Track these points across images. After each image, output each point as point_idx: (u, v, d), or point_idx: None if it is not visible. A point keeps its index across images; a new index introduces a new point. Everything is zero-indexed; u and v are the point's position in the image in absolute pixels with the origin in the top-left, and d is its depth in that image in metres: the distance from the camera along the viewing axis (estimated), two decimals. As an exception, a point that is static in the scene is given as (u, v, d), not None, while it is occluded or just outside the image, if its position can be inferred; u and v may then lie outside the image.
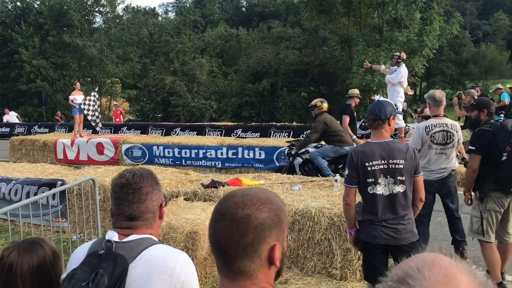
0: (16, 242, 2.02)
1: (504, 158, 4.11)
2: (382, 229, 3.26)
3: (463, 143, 10.33)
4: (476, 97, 11.15)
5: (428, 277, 0.67)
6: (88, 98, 13.27)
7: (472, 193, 4.51)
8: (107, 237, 1.65)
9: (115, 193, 1.72)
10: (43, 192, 6.74)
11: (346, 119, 9.10)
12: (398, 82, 9.17)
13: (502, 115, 11.06)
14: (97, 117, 13.72)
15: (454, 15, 26.25)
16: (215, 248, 1.18)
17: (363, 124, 11.96)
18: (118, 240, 1.64)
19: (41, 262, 1.95)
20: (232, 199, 1.18)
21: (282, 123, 16.73)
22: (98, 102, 13.88)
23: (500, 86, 13.14)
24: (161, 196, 1.79)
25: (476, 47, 47.30)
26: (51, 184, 6.93)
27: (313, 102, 8.22)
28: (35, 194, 6.87)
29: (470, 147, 4.36)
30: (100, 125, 13.98)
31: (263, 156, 11.03)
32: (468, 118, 10.67)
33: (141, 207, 1.69)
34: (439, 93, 5.12)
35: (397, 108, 9.40)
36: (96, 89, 15.19)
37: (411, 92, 11.58)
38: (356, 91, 9.55)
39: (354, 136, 9.04)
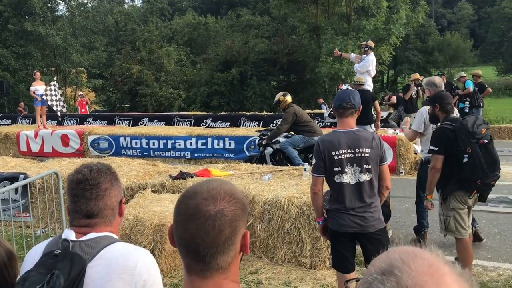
0: None
1: (465, 159, 3.98)
2: (349, 217, 3.27)
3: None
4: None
5: (414, 268, 0.67)
6: (49, 88, 12.89)
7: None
8: (63, 236, 1.57)
9: (71, 189, 1.63)
10: (5, 186, 6.52)
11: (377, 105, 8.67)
12: (366, 70, 9.22)
13: (467, 103, 11.31)
14: (62, 106, 13.40)
15: (420, 4, 26.66)
16: (188, 250, 1.13)
17: (332, 112, 12.01)
18: (75, 239, 1.56)
19: None
20: (198, 196, 1.14)
21: (252, 113, 16.71)
22: (59, 91, 13.50)
23: (463, 74, 13.40)
24: (120, 192, 1.71)
25: (441, 35, 48.22)
26: (13, 178, 6.70)
27: (276, 98, 8.23)
28: (-4, 188, 6.64)
29: (431, 147, 4.21)
30: (63, 111, 13.62)
31: (233, 146, 10.98)
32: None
33: (99, 204, 1.62)
34: (438, 79, 5.28)
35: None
36: (55, 78, 14.73)
37: (421, 78, 11.60)
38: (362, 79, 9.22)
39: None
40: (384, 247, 3.40)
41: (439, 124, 4.34)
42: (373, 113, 8.39)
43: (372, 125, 8.31)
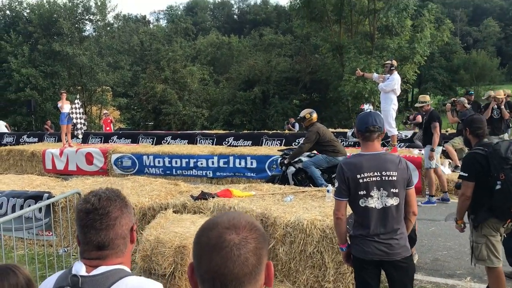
0: None
1: (498, 186, 3.76)
2: (374, 244, 3.14)
3: (456, 150, 10.34)
4: (466, 106, 11.09)
5: None
6: (73, 106, 13.17)
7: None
8: (73, 271, 1.52)
9: (80, 220, 1.57)
10: (29, 205, 6.58)
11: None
12: (391, 89, 9.11)
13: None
14: (83, 124, 13.68)
15: (444, 22, 26.43)
16: (214, 282, 1.09)
17: (355, 132, 11.86)
18: (85, 274, 1.50)
19: None
20: (219, 226, 1.13)
21: (274, 131, 16.67)
22: (81, 109, 13.78)
23: (492, 93, 13.08)
24: (131, 219, 1.66)
25: (466, 53, 47.62)
26: (37, 197, 6.77)
27: (301, 114, 8.13)
28: (21, 207, 6.71)
29: (462, 172, 4.04)
30: (82, 131, 13.87)
31: (254, 165, 10.92)
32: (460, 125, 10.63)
33: (110, 234, 1.56)
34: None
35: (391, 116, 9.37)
36: (78, 96, 15.07)
37: (503, 96, 10.62)
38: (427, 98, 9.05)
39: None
40: (410, 275, 3.27)
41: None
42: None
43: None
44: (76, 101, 13.56)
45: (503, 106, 10.13)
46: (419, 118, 12.71)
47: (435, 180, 8.72)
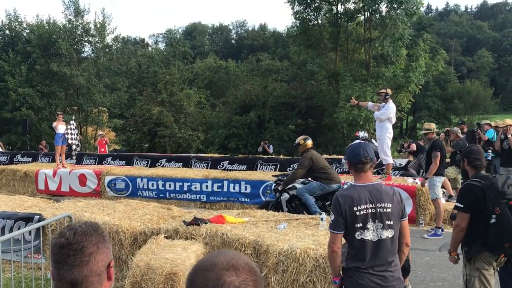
0: None
1: (493, 220, 3.73)
2: (368, 276, 3.11)
3: (449, 180, 10.34)
4: (459, 135, 11.15)
5: None
6: (69, 127, 13.19)
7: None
8: None
9: (54, 254, 1.49)
10: (19, 226, 6.50)
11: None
12: (386, 118, 9.17)
13: (490, 151, 10.91)
14: (78, 145, 13.73)
15: (439, 52, 26.82)
16: None
17: (346, 163, 11.83)
18: None
19: None
20: (217, 268, 1.08)
21: (269, 156, 16.66)
22: (76, 130, 13.83)
23: (488, 121, 13.22)
24: (109, 255, 1.57)
25: (460, 83, 48.23)
26: (28, 219, 6.69)
27: (296, 141, 8.17)
28: (11, 228, 6.62)
29: (457, 204, 4.01)
30: (76, 152, 14.03)
31: (248, 190, 10.88)
32: (453, 155, 10.66)
33: (84, 271, 1.48)
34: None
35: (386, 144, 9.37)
36: (73, 117, 15.12)
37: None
38: (433, 126, 8.80)
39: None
40: (403, 307, 3.22)
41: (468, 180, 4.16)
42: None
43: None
44: (71, 121, 13.57)
45: (510, 136, 9.91)
46: (414, 147, 12.75)
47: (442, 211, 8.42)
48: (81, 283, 1.47)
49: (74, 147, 13.45)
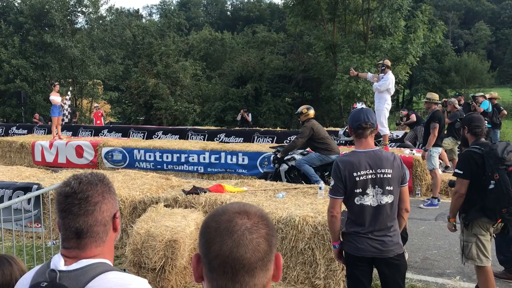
0: None
1: (491, 186, 3.80)
2: (368, 241, 3.14)
3: (446, 151, 10.40)
4: (456, 106, 11.18)
5: None
6: (66, 98, 13.18)
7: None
8: (51, 265, 1.43)
9: (59, 204, 1.47)
10: (18, 196, 6.51)
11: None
12: (385, 89, 9.13)
13: (486, 122, 10.98)
14: (66, 116, 13.88)
15: (437, 24, 26.52)
16: (224, 269, 1.06)
17: (347, 130, 11.87)
18: (63, 269, 1.41)
19: (7, 281, 1.81)
20: (229, 211, 1.11)
21: (266, 128, 16.66)
22: (69, 102, 13.88)
23: (482, 94, 13.36)
24: (115, 205, 1.55)
25: (458, 56, 47.92)
26: (26, 188, 6.72)
27: (299, 109, 8.15)
28: (10, 198, 6.64)
29: (457, 170, 4.07)
30: (65, 120, 14.24)
31: (246, 161, 10.91)
32: (450, 126, 10.70)
33: (89, 220, 1.46)
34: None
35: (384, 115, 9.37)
36: (70, 89, 15.14)
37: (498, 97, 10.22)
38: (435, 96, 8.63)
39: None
40: (402, 272, 3.27)
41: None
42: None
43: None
44: (68, 93, 13.53)
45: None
46: (413, 117, 12.77)
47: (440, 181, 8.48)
48: (86, 232, 1.46)
49: (64, 117, 13.58)
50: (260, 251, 1.06)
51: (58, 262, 1.43)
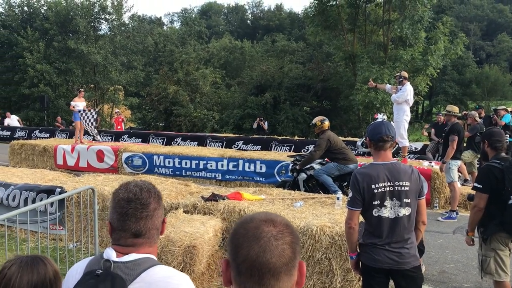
0: (19, 257, 2.00)
1: (511, 201, 3.77)
2: (385, 253, 3.18)
3: (465, 164, 10.32)
4: (477, 119, 11.07)
5: None
6: (88, 109, 13.50)
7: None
8: (105, 256, 1.59)
9: (121, 207, 1.64)
10: (42, 198, 6.69)
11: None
12: (404, 100, 9.13)
13: (507, 136, 10.82)
14: (92, 130, 14.17)
15: (458, 36, 26.32)
16: (252, 273, 1.14)
17: (365, 141, 11.85)
18: (117, 260, 1.57)
19: (41, 280, 1.92)
20: (256, 219, 1.20)
21: (284, 137, 16.72)
22: (93, 118, 14.10)
23: (504, 107, 13.16)
24: (163, 212, 1.75)
25: (479, 67, 47.37)
26: (50, 191, 6.87)
27: (313, 121, 8.17)
28: (34, 200, 6.82)
29: (476, 184, 4.04)
30: (96, 135, 14.51)
31: (263, 169, 10.97)
32: (470, 139, 10.60)
33: (148, 224, 1.65)
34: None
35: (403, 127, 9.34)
36: (98, 109, 15.63)
37: None
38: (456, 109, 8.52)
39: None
40: (418, 284, 3.30)
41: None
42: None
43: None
44: (94, 110, 14.02)
45: None
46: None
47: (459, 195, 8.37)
48: (144, 234, 1.64)
49: (90, 132, 13.99)
50: (284, 257, 1.14)
51: (111, 254, 1.59)
